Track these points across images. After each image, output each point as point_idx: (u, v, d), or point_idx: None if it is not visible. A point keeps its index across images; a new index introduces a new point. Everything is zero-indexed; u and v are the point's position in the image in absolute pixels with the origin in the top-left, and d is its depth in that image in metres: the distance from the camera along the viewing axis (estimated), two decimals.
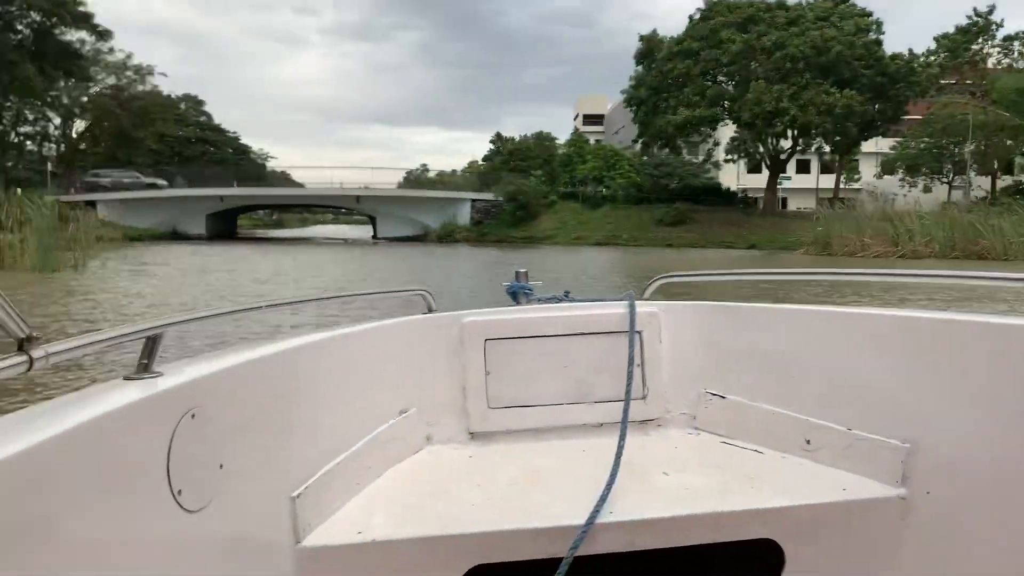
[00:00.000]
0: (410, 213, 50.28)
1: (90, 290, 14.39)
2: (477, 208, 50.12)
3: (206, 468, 1.38)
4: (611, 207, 47.56)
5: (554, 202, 49.03)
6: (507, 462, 2.15)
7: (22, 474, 0.95)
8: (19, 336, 1.09)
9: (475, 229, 48.98)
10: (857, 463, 1.93)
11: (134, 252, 29.97)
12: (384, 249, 39.79)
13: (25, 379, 1.20)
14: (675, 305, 2.51)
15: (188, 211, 48.91)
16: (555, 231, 46.11)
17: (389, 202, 50.23)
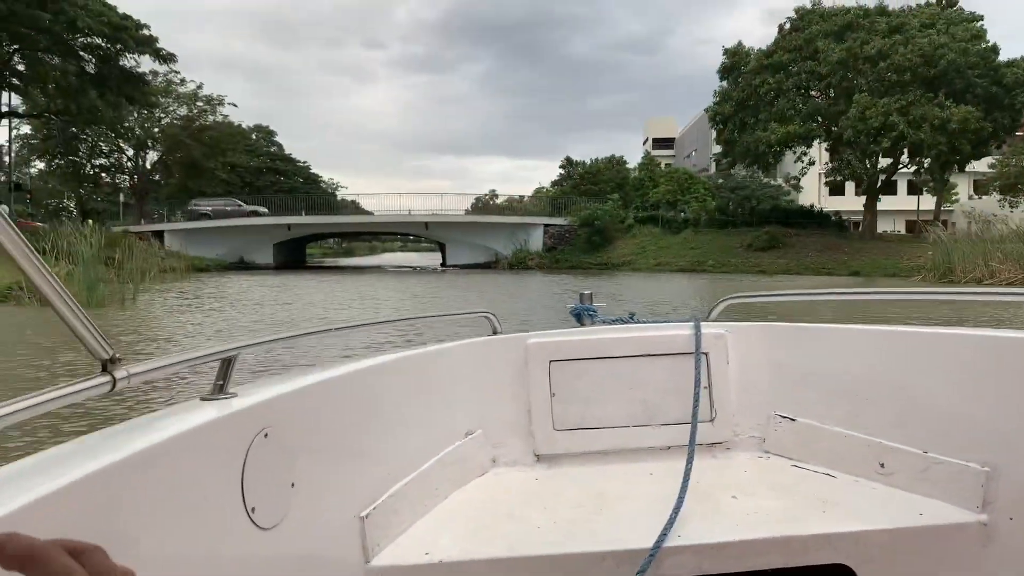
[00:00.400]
0: (480, 239, 48.32)
1: (123, 330, 12.57)
2: (550, 234, 47.81)
3: (279, 487, 1.41)
4: (693, 231, 44.55)
5: (631, 226, 46.31)
6: (573, 485, 2.13)
7: (102, 492, 0.98)
8: (103, 357, 1.11)
9: (548, 255, 46.63)
10: (934, 487, 1.88)
11: (194, 285, 28.75)
12: (454, 277, 37.85)
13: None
14: (742, 326, 2.49)
15: (255, 240, 48.09)
16: (633, 257, 43.35)
17: (458, 228, 48.40)
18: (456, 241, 48.94)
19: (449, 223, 48.25)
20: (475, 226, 48.38)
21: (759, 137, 36.24)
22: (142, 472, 1.07)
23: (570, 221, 46.38)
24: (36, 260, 0.97)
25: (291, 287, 27.64)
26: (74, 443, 1.12)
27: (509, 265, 46.13)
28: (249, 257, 48.35)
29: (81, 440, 1.14)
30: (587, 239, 45.34)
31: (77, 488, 0.94)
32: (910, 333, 2.14)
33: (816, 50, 35.19)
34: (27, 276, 0.97)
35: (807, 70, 35.50)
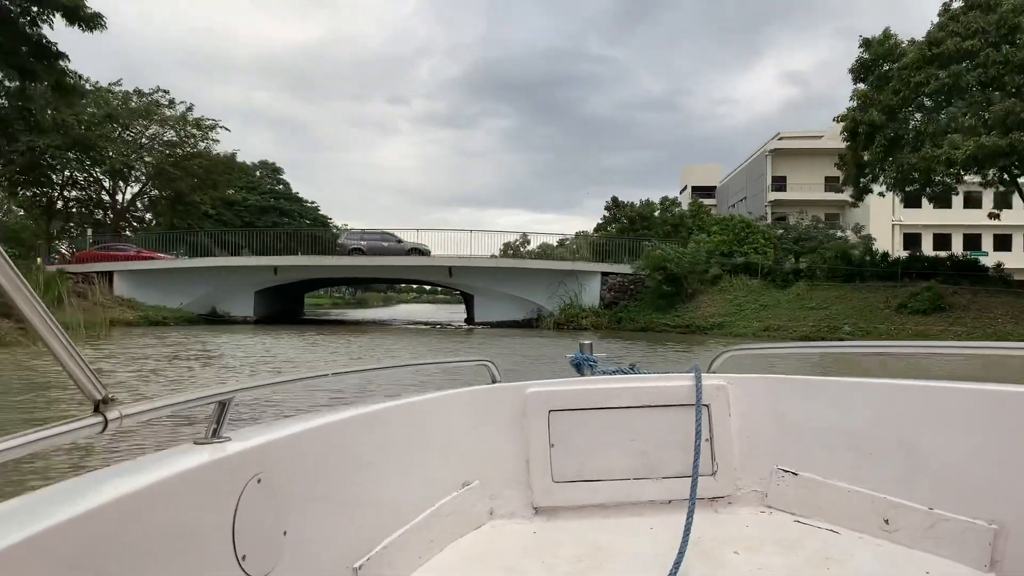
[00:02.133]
0: (517, 290, 37.54)
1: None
2: (609, 284, 36.95)
3: (270, 534, 1.39)
4: (807, 284, 33.46)
5: (718, 277, 35.31)
6: (572, 539, 2.10)
7: (92, 534, 0.97)
8: (95, 398, 1.10)
9: (607, 313, 35.70)
10: (941, 545, 1.85)
11: (116, 346, 18.67)
12: (488, 338, 27.11)
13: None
14: (744, 378, 2.45)
15: (230, 286, 37.54)
16: (727, 317, 32.30)
17: (490, 275, 37.67)
18: (487, 292, 38.16)
19: (479, 268, 37.51)
20: (512, 273, 37.60)
21: (928, 155, 25.21)
22: (133, 515, 1.06)
23: (637, 268, 35.37)
24: (33, 299, 0.96)
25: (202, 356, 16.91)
26: (65, 484, 1.11)
27: (556, 324, 35.23)
28: (224, 307, 37.73)
29: (72, 481, 1.12)
30: (660, 292, 34.35)
31: (66, 529, 0.94)
32: (914, 387, 2.10)
33: (1016, 28, 24.50)
34: (23, 314, 0.97)
35: (999, 59, 24.73)
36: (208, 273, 37.02)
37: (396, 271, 38.49)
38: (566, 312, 35.94)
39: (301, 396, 7.38)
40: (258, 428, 1.59)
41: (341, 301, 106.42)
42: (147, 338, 23.95)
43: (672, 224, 44.94)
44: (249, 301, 38.11)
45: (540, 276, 37.26)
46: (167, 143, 49.73)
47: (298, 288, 47.43)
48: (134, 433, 4.95)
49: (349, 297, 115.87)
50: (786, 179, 57.71)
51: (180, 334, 27.94)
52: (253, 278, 37.77)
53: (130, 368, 13.88)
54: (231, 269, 37.19)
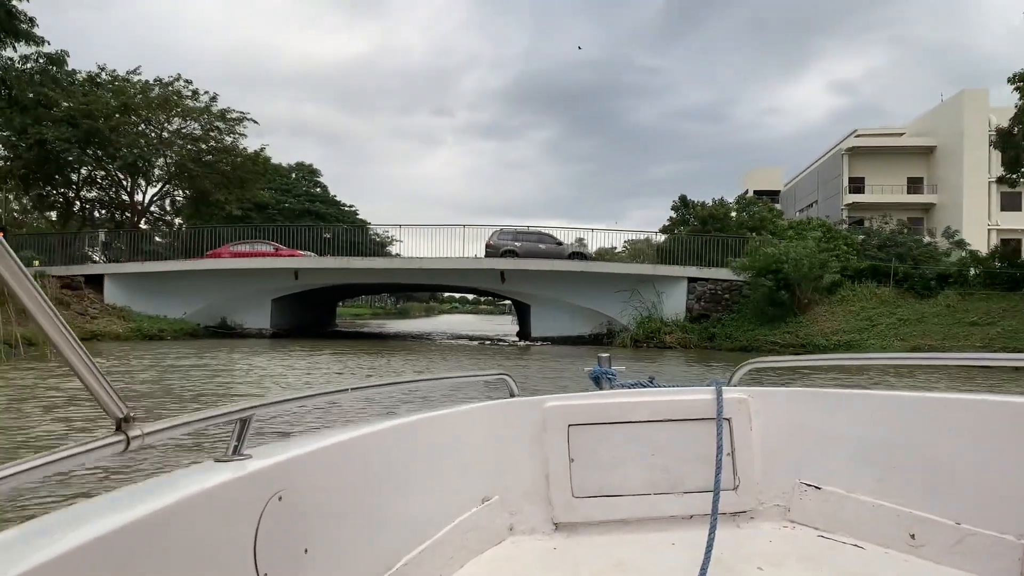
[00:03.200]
0: (582, 299, 31.07)
1: None
2: (697, 293, 30.20)
3: (292, 552, 1.40)
4: (957, 292, 26.27)
5: (836, 284, 28.32)
6: (593, 555, 2.08)
7: (113, 553, 0.97)
8: (117, 416, 1.11)
9: (695, 327, 28.99)
10: (968, 560, 1.82)
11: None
12: (550, 359, 20.71)
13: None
14: (765, 391, 2.43)
15: (243, 293, 31.76)
16: (854, 334, 25.34)
17: (551, 281, 31.23)
18: (545, 301, 31.73)
19: (537, 272, 31.08)
20: (576, 279, 31.09)
21: None
22: (154, 534, 1.06)
23: (740, 271, 28.49)
24: (56, 318, 0.97)
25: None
26: (86, 504, 1.12)
27: (633, 341, 28.63)
28: (235, 318, 31.96)
29: (93, 501, 1.13)
30: (770, 301, 27.47)
31: (88, 549, 0.94)
32: (940, 399, 2.08)
33: None
34: (46, 333, 0.97)
35: None
36: (216, 278, 31.30)
37: (439, 276, 32.30)
38: (645, 327, 29.28)
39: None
40: (278, 445, 1.58)
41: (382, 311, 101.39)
42: (119, 356, 18.07)
43: (751, 227, 38.06)
44: (265, 311, 32.27)
45: (609, 283, 30.68)
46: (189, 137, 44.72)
47: (328, 296, 41.59)
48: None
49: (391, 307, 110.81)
50: (864, 180, 52.17)
51: (166, 350, 22.15)
52: (270, 283, 31.92)
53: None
54: (243, 273, 31.37)
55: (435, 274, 32.07)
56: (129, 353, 20.57)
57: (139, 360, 18.02)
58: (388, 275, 32.60)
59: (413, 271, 31.91)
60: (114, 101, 40.59)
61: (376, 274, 32.24)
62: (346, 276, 32.26)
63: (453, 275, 32.09)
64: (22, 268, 0.92)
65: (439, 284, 34.38)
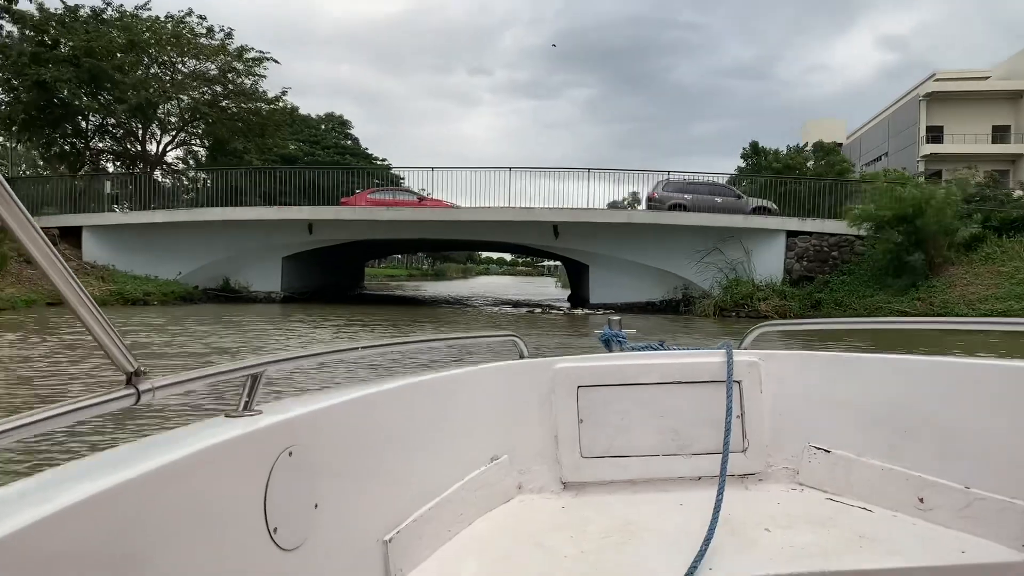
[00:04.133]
0: (652, 258, 25.66)
1: None
2: (798, 250, 24.54)
3: (301, 507, 1.41)
4: None
5: (978, 238, 22.43)
6: (600, 514, 2.08)
7: (123, 506, 0.99)
8: (128, 370, 1.12)
9: (797, 292, 23.43)
10: (977, 524, 1.83)
11: None
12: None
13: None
14: (776, 354, 2.44)
15: (249, 250, 26.92)
16: (1011, 301, 19.60)
17: (615, 236, 25.81)
18: (607, 261, 26.33)
19: (599, 226, 25.66)
20: (648, 234, 25.61)
21: None
22: (164, 487, 1.07)
23: (856, 224, 22.61)
24: (67, 272, 0.98)
25: None
26: (97, 457, 1.13)
27: (718, 309, 23.22)
28: (241, 279, 27.23)
29: (104, 454, 1.14)
30: (895, 260, 21.74)
31: (98, 501, 0.95)
32: (951, 363, 2.11)
33: None
34: (57, 287, 0.98)
35: None
36: (216, 232, 26.47)
37: (479, 230, 27.05)
38: (732, 292, 23.79)
39: None
40: (289, 402, 1.60)
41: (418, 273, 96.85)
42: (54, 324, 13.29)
43: (832, 179, 32.06)
44: (275, 271, 27.41)
45: (686, 238, 25.15)
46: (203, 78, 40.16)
47: (352, 255, 36.69)
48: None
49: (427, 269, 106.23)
50: (943, 129, 46.83)
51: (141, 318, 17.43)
52: (280, 238, 26.99)
53: None
54: (247, 225, 26.44)
55: (475, 228, 26.79)
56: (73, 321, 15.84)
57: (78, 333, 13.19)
58: (420, 229, 27.42)
59: (449, 224, 26.67)
60: (121, 39, 36.19)
61: (406, 227, 27.09)
62: (370, 230, 27.16)
63: (496, 228, 26.75)
64: (29, 218, 0.90)
65: (479, 240, 29.12)
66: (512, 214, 25.57)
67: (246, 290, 27.14)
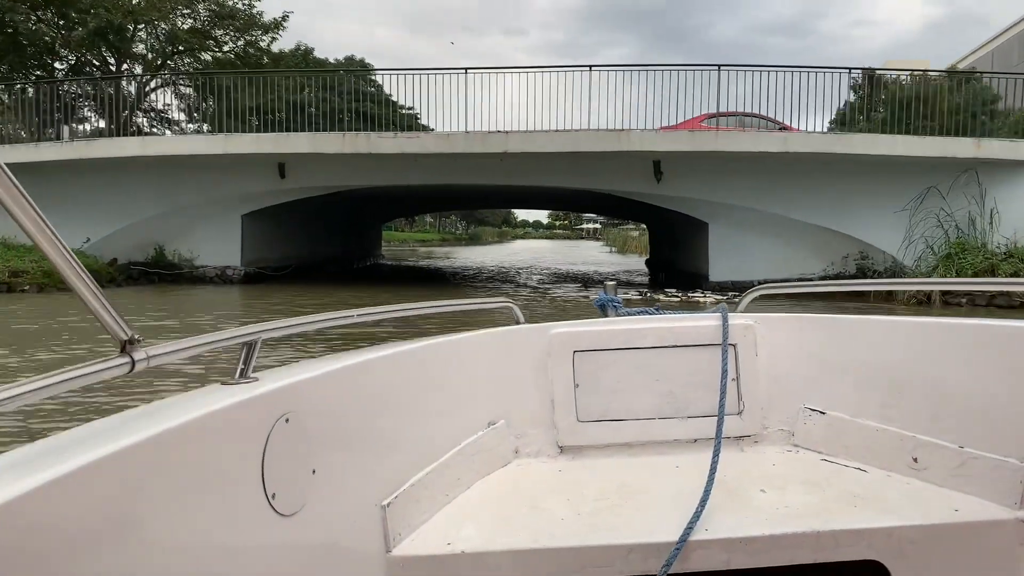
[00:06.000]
0: (811, 211, 16.07)
1: None
2: None
3: (299, 473, 1.41)
4: None
5: None
6: (597, 477, 2.10)
7: (121, 473, 0.99)
8: (122, 338, 1.12)
9: None
10: (970, 483, 1.86)
11: None
12: None
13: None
14: (771, 317, 2.44)
15: (193, 205, 17.84)
16: None
17: (752, 174, 16.23)
18: (738, 214, 16.82)
19: (730, 160, 15.99)
20: (803, 172, 15.90)
21: None
22: (162, 455, 1.07)
23: None
24: (59, 242, 0.98)
25: None
26: (94, 424, 1.13)
27: (936, 298, 13.61)
28: (182, 248, 18.27)
29: (101, 422, 1.14)
30: None
31: (96, 468, 0.95)
32: (945, 324, 2.11)
33: None
34: (49, 257, 0.98)
35: None
36: (143, 177, 17.44)
37: (533, 170, 17.49)
38: (957, 263, 14.20)
39: None
40: (285, 369, 1.61)
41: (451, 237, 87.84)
42: None
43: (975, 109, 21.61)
44: (232, 235, 18.33)
45: (872, 179, 15.50)
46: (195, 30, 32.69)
47: (361, 213, 27.56)
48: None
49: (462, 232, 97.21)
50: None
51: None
52: (235, 185, 17.85)
53: None
54: (186, 166, 17.32)
55: (527, 166, 17.33)
56: None
57: None
58: (446, 169, 17.93)
59: (485, 160, 17.23)
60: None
61: (426, 168, 17.73)
62: (372, 173, 17.85)
63: (562, 168, 17.26)
64: (16, 184, 0.91)
65: (535, 186, 19.53)
66: (592, 141, 15.92)
67: (189, 264, 18.18)
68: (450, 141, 16.12)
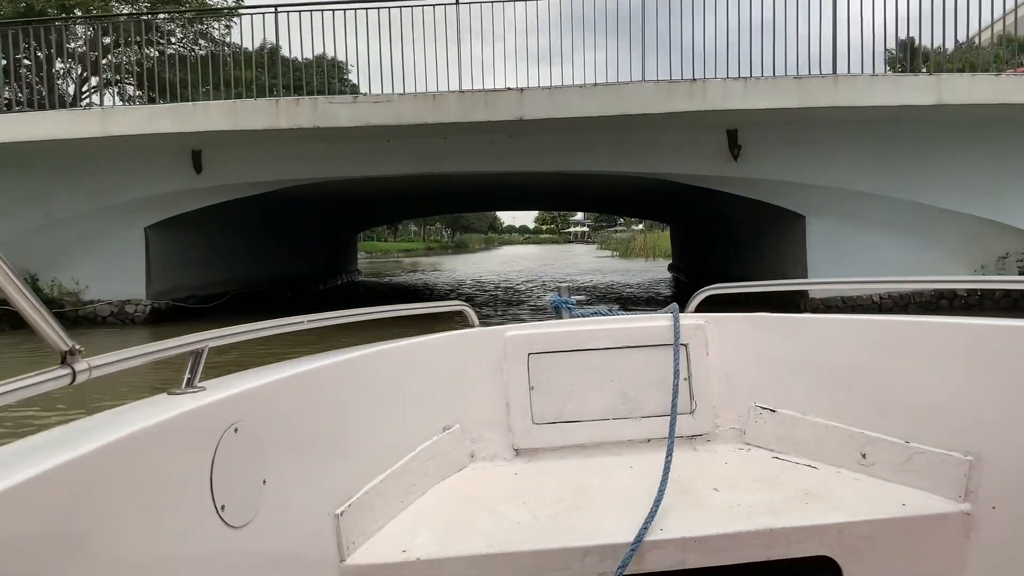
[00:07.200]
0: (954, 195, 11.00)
1: None
2: None
3: (249, 483, 1.39)
4: None
5: None
6: (553, 479, 2.11)
7: (65, 488, 0.97)
8: (61, 349, 1.10)
9: None
10: (917, 477, 1.89)
11: None
12: None
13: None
14: (722, 317, 2.46)
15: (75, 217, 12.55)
16: None
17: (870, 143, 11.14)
18: (851, 201, 11.71)
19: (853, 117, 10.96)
20: (948, 136, 10.85)
21: None
22: (107, 468, 1.05)
23: None
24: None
25: None
26: (37, 437, 1.11)
27: None
28: (63, 276, 12.86)
29: (42, 435, 1.12)
30: None
31: (39, 483, 0.93)
32: (892, 322, 2.16)
33: None
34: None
35: None
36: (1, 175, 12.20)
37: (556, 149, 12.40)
38: None
39: None
40: (234, 378, 1.58)
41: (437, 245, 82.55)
42: None
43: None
44: (134, 255, 13.06)
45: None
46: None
47: (323, 221, 22.36)
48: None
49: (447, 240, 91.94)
50: None
51: None
52: (133, 187, 12.59)
53: None
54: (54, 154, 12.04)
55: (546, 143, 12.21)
56: None
57: None
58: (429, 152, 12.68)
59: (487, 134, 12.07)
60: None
61: (402, 152, 12.52)
62: (324, 161, 12.63)
63: (596, 140, 12.15)
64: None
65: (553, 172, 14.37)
66: (650, 98, 10.68)
67: (74, 299, 12.90)
68: (437, 105, 10.84)
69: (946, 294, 12.03)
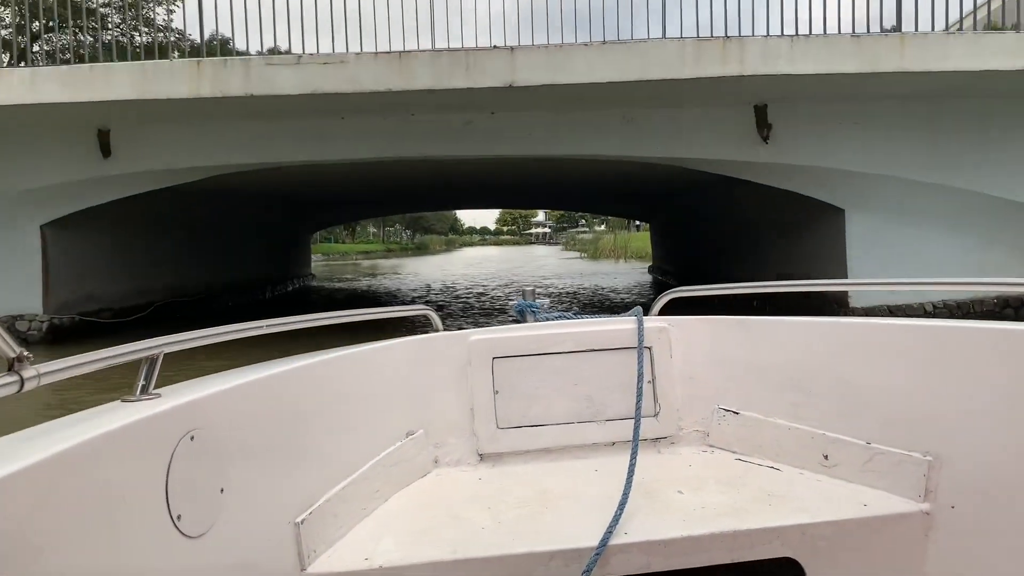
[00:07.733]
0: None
1: None
2: None
3: (206, 492, 1.37)
4: None
5: None
6: (517, 484, 2.10)
7: (15, 498, 0.95)
8: (9, 356, 1.08)
9: None
10: (878, 478, 1.89)
11: None
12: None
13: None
14: (685, 320, 2.46)
15: None
16: None
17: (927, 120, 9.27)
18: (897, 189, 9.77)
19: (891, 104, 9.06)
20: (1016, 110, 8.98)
21: None
22: (58, 477, 1.03)
23: None
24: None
25: None
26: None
27: None
28: None
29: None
30: None
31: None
32: (853, 324, 2.16)
33: None
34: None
35: None
36: None
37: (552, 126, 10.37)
38: None
39: None
40: (190, 384, 1.57)
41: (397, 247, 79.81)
42: None
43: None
44: (28, 262, 10.56)
45: None
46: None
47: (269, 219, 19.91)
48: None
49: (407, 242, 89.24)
50: None
51: None
52: (21, 175, 10.12)
53: None
54: None
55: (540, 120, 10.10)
56: None
57: None
58: (392, 132, 10.50)
59: (465, 108, 9.92)
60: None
61: (358, 131, 10.30)
62: (261, 142, 10.34)
63: (601, 117, 10.06)
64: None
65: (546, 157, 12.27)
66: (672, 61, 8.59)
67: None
68: (405, 66, 8.59)
69: (1011, 301, 10.21)
